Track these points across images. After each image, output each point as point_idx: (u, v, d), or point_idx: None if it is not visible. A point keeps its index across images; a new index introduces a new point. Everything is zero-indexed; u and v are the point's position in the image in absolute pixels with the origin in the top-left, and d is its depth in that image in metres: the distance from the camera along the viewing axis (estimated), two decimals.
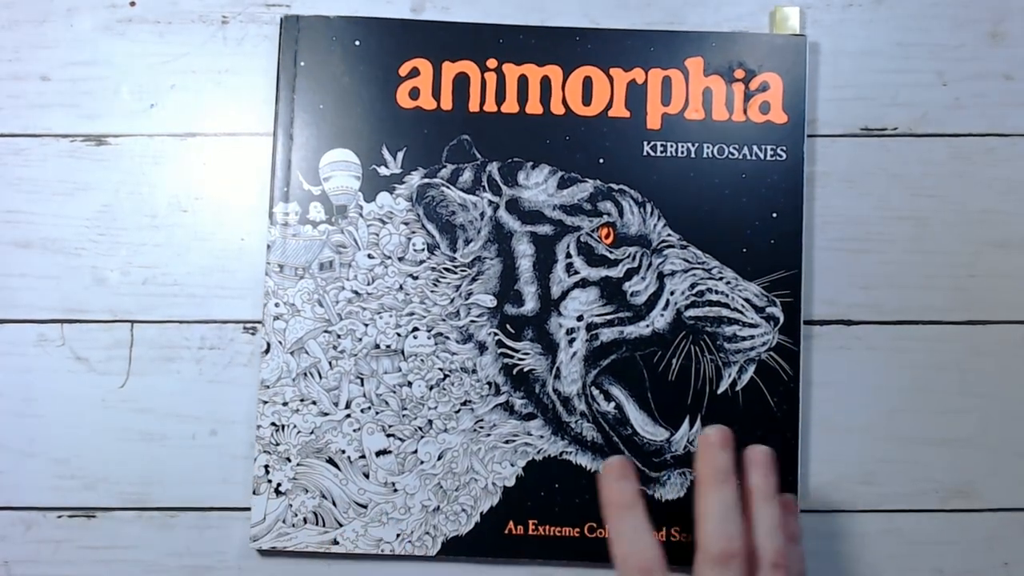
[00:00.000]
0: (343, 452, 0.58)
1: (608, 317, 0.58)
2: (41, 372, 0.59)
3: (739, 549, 0.50)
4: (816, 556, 0.58)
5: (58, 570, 0.59)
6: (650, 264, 0.59)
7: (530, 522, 0.57)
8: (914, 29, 0.61)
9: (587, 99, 0.60)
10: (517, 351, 0.58)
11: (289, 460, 0.57)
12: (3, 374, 0.59)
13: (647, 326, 0.58)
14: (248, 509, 0.58)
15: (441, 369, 0.58)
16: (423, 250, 0.59)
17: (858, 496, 0.59)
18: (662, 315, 0.58)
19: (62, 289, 0.60)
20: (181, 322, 0.60)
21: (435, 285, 0.59)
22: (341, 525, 0.57)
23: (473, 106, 0.59)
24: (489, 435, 0.58)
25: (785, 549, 0.51)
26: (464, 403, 0.58)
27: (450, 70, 0.59)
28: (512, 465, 0.58)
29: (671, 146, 0.59)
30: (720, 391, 0.58)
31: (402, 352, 0.58)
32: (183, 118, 0.61)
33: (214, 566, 0.59)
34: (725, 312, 0.58)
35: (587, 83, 0.60)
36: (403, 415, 0.58)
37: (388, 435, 0.58)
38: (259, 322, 0.59)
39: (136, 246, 0.60)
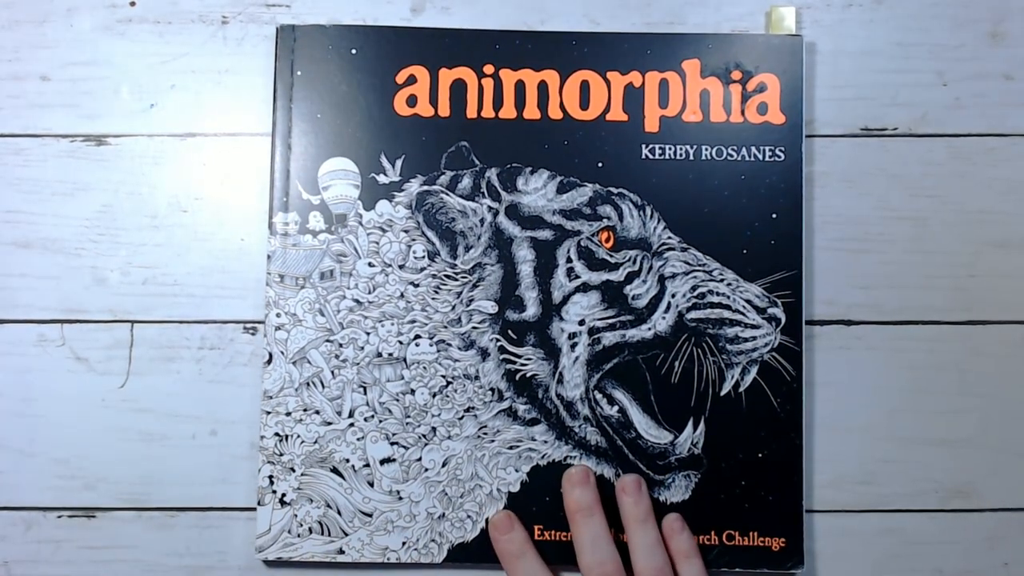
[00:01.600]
0: (347, 461, 0.58)
1: (610, 321, 0.58)
2: (41, 372, 0.59)
3: (614, 570, 0.54)
4: (816, 556, 0.59)
5: (58, 570, 0.59)
6: (651, 267, 0.59)
7: (536, 528, 0.57)
8: (914, 29, 0.61)
9: (584, 103, 0.59)
10: (519, 357, 0.58)
11: (293, 470, 0.58)
12: (3, 374, 0.59)
13: (649, 329, 0.58)
14: (248, 509, 0.58)
15: (444, 376, 0.58)
16: (423, 257, 0.59)
17: (858, 496, 0.59)
18: (664, 318, 0.58)
19: (62, 289, 0.60)
20: (181, 322, 0.60)
21: (436, 292, 0.58)
22: (347, 534, 0.57)
23: (471, 112, 0.59)
24: (493, 441, 0.58)
25: (666, 565, 0.55)
26: (467, 410, 0.58)
27: (447, 77, 0.59)
28: (517, 471, 0.58)
29: (669, 148, 0.59)
30: (723, 393, 0.58)
31: (404, 360, 0.58)
32: (183, 118, 0.61)
33: (214, 566, 0.59)
34: (727, 314, 0.58)
35: (584, 87, 0.59)
36: (407, 423, 0.58)
37: (392, 443, 0.58)
38: (260, 322, 0.59)
39: (136, 246, 0.60)
